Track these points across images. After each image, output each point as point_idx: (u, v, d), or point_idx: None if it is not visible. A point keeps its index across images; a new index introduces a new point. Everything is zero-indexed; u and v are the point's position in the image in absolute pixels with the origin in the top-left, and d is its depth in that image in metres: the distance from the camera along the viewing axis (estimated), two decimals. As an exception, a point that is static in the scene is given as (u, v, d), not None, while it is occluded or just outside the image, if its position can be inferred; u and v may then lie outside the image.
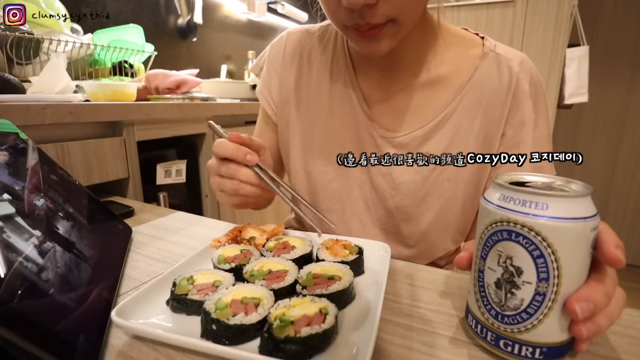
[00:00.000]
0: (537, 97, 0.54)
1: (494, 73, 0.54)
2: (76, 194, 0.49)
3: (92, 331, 0.31)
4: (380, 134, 0.57)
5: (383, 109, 0.58)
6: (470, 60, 0.55)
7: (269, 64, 0.67)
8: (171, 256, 0.49)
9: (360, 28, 0.45)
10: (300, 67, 0.63)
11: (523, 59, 0.55)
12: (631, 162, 2.40)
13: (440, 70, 0.56)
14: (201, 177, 1.21)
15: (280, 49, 0.65)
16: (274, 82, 0.66)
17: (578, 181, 0.29)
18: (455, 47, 0.57)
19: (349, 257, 0.42)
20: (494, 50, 0.55)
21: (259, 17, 2.28)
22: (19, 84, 0.82)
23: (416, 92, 0.57)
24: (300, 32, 0.65)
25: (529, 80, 0.53)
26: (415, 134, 0.55)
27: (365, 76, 0.59)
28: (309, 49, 0.63)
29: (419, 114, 0.56)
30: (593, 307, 0.26)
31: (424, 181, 0.56)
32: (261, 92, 0.68)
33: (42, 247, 0.33)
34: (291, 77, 0.64)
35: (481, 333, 0.31)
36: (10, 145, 0.42)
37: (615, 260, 0.26)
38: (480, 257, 0.30)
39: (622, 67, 2.32)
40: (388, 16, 0.44)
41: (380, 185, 0.58)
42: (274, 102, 0.66)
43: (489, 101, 0.54)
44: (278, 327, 0.29)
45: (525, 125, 0.54)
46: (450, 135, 0.55)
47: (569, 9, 1.78)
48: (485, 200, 0.30)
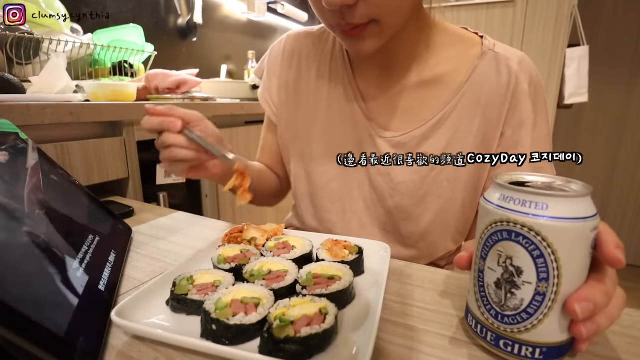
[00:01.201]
0: (537, 96, 0.54)
1: (492, 72, 0.54)
2: (76, 194, 0.49)
3: (92, 331, 0.31)
4: (379, 134, 0.57)
5: (381, 108, 0.58)
6: (469, 59, 0.55)
7: (269, 67, 0.67)
8: (171, 256, 0.49)
9: (343, 28, 0.46)
10: (299, 68, 0.64)
11: (522, 58, 0.54)
12: (631, 162, 2.40)
13: (439, 70, 0.56)
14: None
15: (280, 52, 0.66)
16: (274, 84, 0.66)
17: (578, 181, 0.29)
18: (454, 46, 0.56)
19: (349, 257, 0.42)
20: (493, 49, 0.55)
21: (259, 17, 2.28)
22: (19, 84, 0.82)
23: (414, 91, 0.57)
24: (299, 34, 0.66)
25: (528, 79, 0.53)
26: (414, 133, 0.55)
27: (363, 75, 0.60)
28: (307, 50, 0.64)
29: (417, 113, 0.56)
30: (593, 307, 0.26)
31: (422, 181, 0.56)
32: (262, 95, 0.68)
33: (42, 247, 0.33)
34: (290, 79, 0.64)
35: (481, 333, 0.30)
36: (10, 145, 0.42)
37: (616, 261, 0.26)
38: (480, 257, 0.30)
39: (622, 67, 2.32)
40: (369, 16, 0.44)
41: (380, 185, 0.58)
42: (274, 105, 0.67)
43: (487, 101, 0.54)
44: (278, 327, 0.29)
45: (525, 125, 0.53)
46: (449, 135, 0.55)
47: (569, 9, 1.78)
48: (485, 200, 0.30)
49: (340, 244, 0.44)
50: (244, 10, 2.17)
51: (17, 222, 0.33)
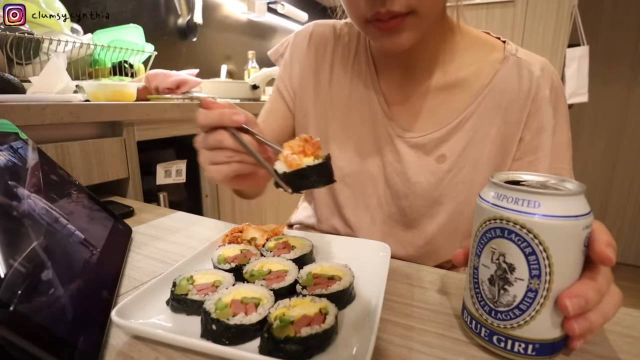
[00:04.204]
0: (558, 102, 0.53)
1: (514, 77, 0.54)
2: (76, 194, 0.49)
3: (92, 331, 0.31)
4: (398, 133, 0.57)
5: (402, 110, 0.58)
6: (491, 64, 0.55)
7: (292, 50, 0.66)
8: (171, 256, 0.49)
9: (381, 17, 0.45)
10: (322, 60, 0.63)
11: (544, 64, 0.54)
12: (631, 162, 2.39)
13: (460, 74, 0.56)
14: (201, 177, 1.21)
15: (305, 39, 0.65)
16: (295, 70, 0.65)
17: (572, 180, 0.29)
18: (476, 50, 0.57)
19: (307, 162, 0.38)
20: (515, 54, 0.55)
21: (259, 17, 2.28)
22: (19, 84, 0.82)
23: (435, 94, 0.57)
24: (326, 24, 0.65)
25: (549, 85, 0.53)
26: (433, 135, 0.56)
27: (386, 77, 0.60)
28: (332, 44, 0.63)
29: (437, 116, 0.56)
30: (584, 303, 0.26)
31: (438, 182, 0.56)
32: (281, 78, 0.67)
33: (42, 247, 0.33)
34: (312, 69, 0.64)
35: (476, 329, 0.31)
36: (10, 145, 0.42)
37: (605, 258, 0.26)
38: (475, 254, 0.31)
39: (622, 67, 2.32)
40: (409, 6, 0.44)
41: (395, 184, 0.58)
42: (292, 90, 0.66)
43: (507, 105, 0.54)
44: (278, 327, 0.29)
45: (544, 130, 0.53)
46: (467, 138, 0.55)
47: (569, 9, 1.78)
48: (480, 199, 0.30)
49: (310, 143, 0.39)
50: (244, 10, 2.17)
51: (16, 222, 0.33)
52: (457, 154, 0.55)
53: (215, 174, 0.41)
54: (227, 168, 0.41)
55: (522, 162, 0.54)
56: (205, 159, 0.42)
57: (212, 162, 0.41)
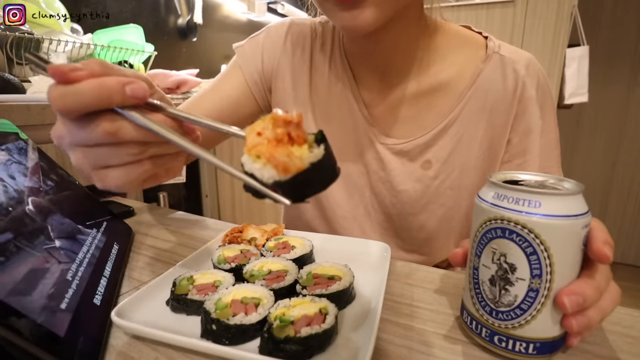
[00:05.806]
0: (544, 101, 0.52)
1: (498, 77, 0.52)
2: (76, 194, 0.49)
3: (92, 331, 0.31)
4: (380, 140, 0.56)
5: (383, 115, 0.56)
6: (473, 63, 0.53)
7: (264, 44, 0.61)
8: (171, 256, 0.49)
9: None
10: (301, 62, 0.59)
11: (529, 61, 0.52)
12: (631, 162, 2.39)
13: (442, 76, 0.54)
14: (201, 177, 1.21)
15: (281, 37, 0.60)
16: (268, 61, 0.60)
17: (570, 179, 0.30)
18: (457, 49, 0.54)
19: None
20: (498, 52, 0.53)
21: (259, 17, 2.28)
22: (19, 84, 0.82)
23: (418, 98, 0.55)
24: (304, 25, 0.61)
25: (535, 84, 0.52)
26: (417, 141, 0.54)
27: (364, 81, 0.57)
28: (310, 46, 0.60)
29: (420, 120, 0.54)
30: (582, 300, 0.26)
31: (425, 189, 0.54)
32: (246, 57, 0.60)
33: (42, 247, 0.33)
34: (289, 70, 0.60)
35: (476, 329, 0.31)
36: (10, 145, 0.42)
37: (602, 256, 0.26)
38: (475, 255, 0.31)
39: (622, 67, 2.32)
40: None
41: (381, 192, 0.57)
42: (263, 74, 0.60)
43: (493, 107, 0.52)
44: (278, 327, 0.29)
45: (532, 132, 0.52)
46: (453, 142, 0.53)
47: (569, 9, 1.78)
48: (479, 199, 0.30)
49: (292, 124, 0.26)
50: (244, 10, 2.17)
51: (16, 222, 0.33)
52: (443, 159, 0.53)
53: (113, 181, 0.28)
54: (134, 172, 0.28)
55: (511, 164, 0.53)
56: (88, 160, 0.28)
57: (103, 166, 0.28)
